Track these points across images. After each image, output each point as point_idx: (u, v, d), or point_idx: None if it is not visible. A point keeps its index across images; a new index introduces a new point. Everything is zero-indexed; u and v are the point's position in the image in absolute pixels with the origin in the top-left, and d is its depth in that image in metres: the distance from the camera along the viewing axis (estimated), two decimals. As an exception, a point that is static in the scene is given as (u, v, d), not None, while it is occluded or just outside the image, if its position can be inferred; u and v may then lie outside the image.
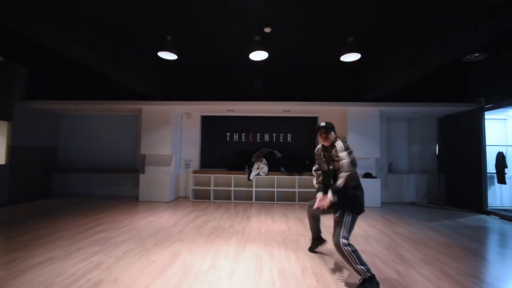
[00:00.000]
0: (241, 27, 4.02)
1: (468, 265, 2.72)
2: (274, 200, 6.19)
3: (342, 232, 2.21)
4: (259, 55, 4.37)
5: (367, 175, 5.92)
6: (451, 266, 2.67)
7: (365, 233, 3.81)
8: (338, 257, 2.86)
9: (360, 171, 6.05)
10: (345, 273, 2.48)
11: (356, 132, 5.85)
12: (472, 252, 3.09)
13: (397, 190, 6.53)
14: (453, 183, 6.17)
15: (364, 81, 5.63)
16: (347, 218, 2.24)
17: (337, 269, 2.56)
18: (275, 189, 6.11)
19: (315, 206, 2.44)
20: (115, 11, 3.66)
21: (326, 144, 2.45)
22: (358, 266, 2.13)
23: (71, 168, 6.87)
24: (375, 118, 5.86)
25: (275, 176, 6.14)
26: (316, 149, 2.67)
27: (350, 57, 4.36)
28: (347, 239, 2.20)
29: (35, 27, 3.07)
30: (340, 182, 2.24)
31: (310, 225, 3.05)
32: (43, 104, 6.05)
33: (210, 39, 4.49)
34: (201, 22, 3.93)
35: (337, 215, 2.32)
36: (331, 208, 2.36)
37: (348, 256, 2.15)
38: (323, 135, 2.43)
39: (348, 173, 2.25)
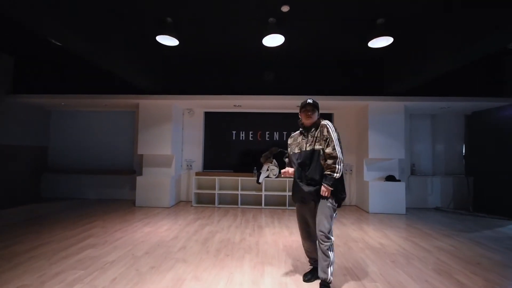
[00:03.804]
0: (254, 5, 3.41)
1: (551, 298, 2.13)
2: (285, 206, 5.59)
3: (328, 223, 2.09)
4: (274, 40, 3.76)
5: (390, 178, 5.31)
6: (531, 300, 2.08)
7: (402, 248, 3.21)
8: (383, 287, 2.26)
9: (381, 174, 5.45)
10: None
11: (378, 130, 5.24)
12: (544, 278, 2.49)
13: (420, 194, 5.92)
14: (483, 186, 5.56)
15: (390, 73, 4.98)
16: (330, 209, 2.12)
17: (388, 306, 1.97)
18: (287, 193, 5.51)
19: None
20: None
21: (309, 123, 2.27)
22: (331, 267, 2.09)
23: (63, 169, 6.28)
24: (399, 114, 5.25)
25: (287, 179, 5.53)
26: (291, 136, 2.46)
27: (380, 42, 3.74)
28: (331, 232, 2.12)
29: (18, 9, 2.50)
30: (339, 173, 2.09)
31: (309, 251, 2.41)
32: (30, 98, 5.46)
33: (217, 22, 3.87)
34: (207, 1, 3.33)
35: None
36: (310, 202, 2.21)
37: (328, 251, 2.07)
38: (309, 113, 2.24)
39: (342, 162, 2.12)
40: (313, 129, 2.25)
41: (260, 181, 5.91)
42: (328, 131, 2.15)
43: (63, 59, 5.30)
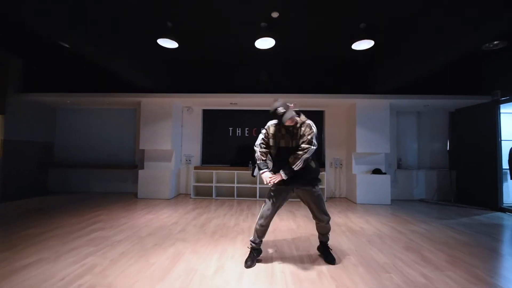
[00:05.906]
0: (247, 12, 3.74)
1: (499, 266, 2.48)
2: (279, 197, 5.94)
3: (325, 207, 2.46)
4: (265, 43, 4.09)
5: (376, 171, 5.66)
6: (481, 268, 2.43)
7: (379, 231, 3.56)
8: (356, 259, 2.61)
9: (369, 167, 5.80)
10: (366, 277, 2.23)
11: (365, 126, 5.59)
12: (498, 252, 2.85)
13: (406, 187, 6.28)
14: (465, 179, 5.92)
15: (375, 72, 5.34)
16: (319, 194, 2.42)
17: (356, 273, 2.31)
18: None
19: (270, 181, 2.34)
20: (111, -7, 3.38)
21: (291, 124, 2.36)
22: (328, 234, 2.61)
23: (68, 164, 6.61)
24: (385, 111, 5.59)
25: (280, 172, 5.87)
26: (267, 127, 2.49)
27: (362, 44, 4.09)
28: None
29: (28, 14, 2.82)
30: (299, 165, 2.26)
31: (260, 233, 2.48)
32: (37, 97, 5.79)
33: (214, 26, 4.20)
34: (205, 7, 3.65)
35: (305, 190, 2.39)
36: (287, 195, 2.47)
37: (328, 225, 2.51)
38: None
39: (309, 156, 2.28)
40: (294, 127, 2.35)
41: (254, 174, 6.29)
42: (307, 129, 2.33)
43: (69, 60, 5.62)
